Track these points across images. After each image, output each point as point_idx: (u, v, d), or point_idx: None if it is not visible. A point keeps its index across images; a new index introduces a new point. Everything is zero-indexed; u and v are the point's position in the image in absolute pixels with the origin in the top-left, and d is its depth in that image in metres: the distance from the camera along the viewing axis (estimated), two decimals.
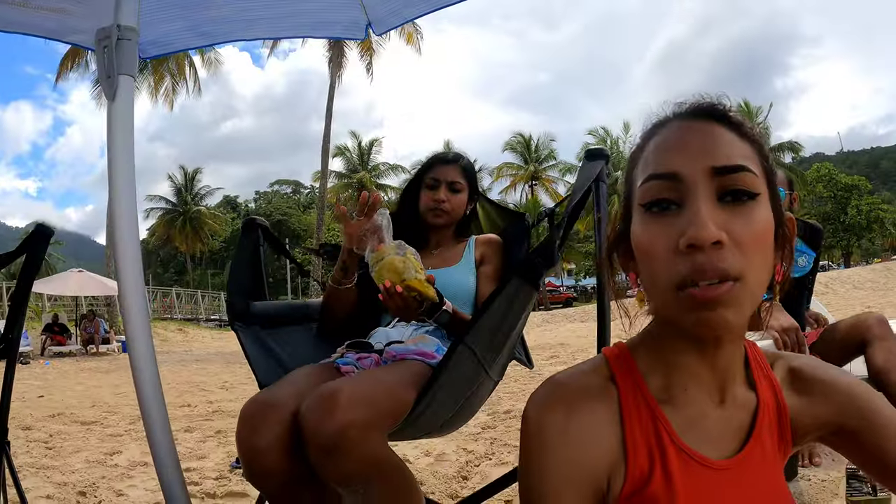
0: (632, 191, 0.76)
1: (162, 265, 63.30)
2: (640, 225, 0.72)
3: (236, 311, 1.79)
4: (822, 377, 0.81)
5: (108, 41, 1.51)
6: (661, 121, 0.77)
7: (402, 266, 1.53)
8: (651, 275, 0.70)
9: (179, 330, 23.80)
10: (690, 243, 0.65)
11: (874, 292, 18.01)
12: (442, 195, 1.93)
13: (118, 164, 1.47)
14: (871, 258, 52.93)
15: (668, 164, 0.70)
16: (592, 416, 0.73)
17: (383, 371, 1.47)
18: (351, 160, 43.92)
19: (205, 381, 8.80)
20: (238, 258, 1.95)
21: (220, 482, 3.27)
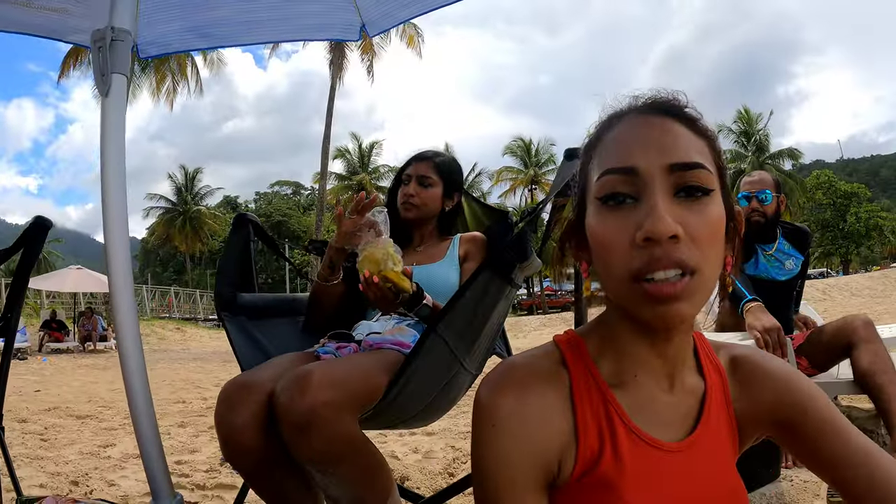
0: (586, 183, 0.77)
1: (161, 264, 63.16)
2: (596, 217, 0.72)
3: (223, 300, 1.84)
4: (762, 367, 0.83)
5: (102, 42, 1.59)
6: (617, 113, 0.77)
7: (381, 257, 1.59)
8: (607, 266, 0.71)
9: (177, 329, 23.81)
10: (647, 236, 0.66)
11: (872, 299, 18.03)
12: (411, 189, 1.98)
13: (109, 158, 1.54)
14: (869, 266, 52.83)
15: (625, 158, 0.71)
16: (544, 399, 0.74)
17: (358, 356, 1.53)
18: (351, 162, 43.89)
19: (201, 379, 8.85)
20: (228, 252, 2.00)
21: (210, 474, 3.33)
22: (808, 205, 41.21)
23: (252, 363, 1.73)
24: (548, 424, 0.73)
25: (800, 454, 0.80)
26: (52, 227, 2.21)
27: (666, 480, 0.74)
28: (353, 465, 1.32)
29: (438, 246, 2.02)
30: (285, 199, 74.77)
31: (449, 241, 2.03)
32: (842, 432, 0.77)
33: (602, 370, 0.77)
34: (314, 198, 70.53)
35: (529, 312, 37.07)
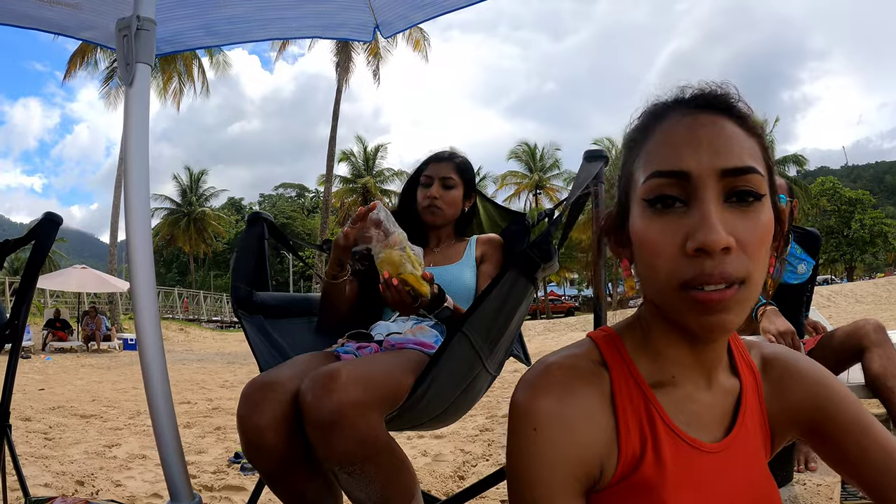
0: (631, 180, 0.74)
1: (165, 265, 63.32)
2: (643, 220, 0.70)
3: (240, 297, 1.82)
4: (794, 366, 0.82)
5: (127, 31, 1.58)
6: (663, 107, 0.74)
7: (400, 260, 1.57)
8: (652, 271, 0.69)
9: (181, 330, 23.84)
10: (699, 247, 0.64)
11: (877, 306, 17.99)
12: (435, 192, 1.95)
13: (133, 148, 1.54)
14: (874, 273, 52.83)
15: (676, 161, 0.68)
16: (585, 400, 0.71)
17: (382, 356, 1.49)
18: (356, 165, 43.99)
19: (205, 380, 8.83)
20: (242, 249, 1.98)
21: (218, 476, 3.29)
22: (812, 211, 41.24)
23: (270, 362, 1.71)
24: (590, 427, 0.70)
25: (828, 455, 0.79)
26: (61, 224, 2.18)
27: (705, 482, 0.72)
28: (378, 466, 1.28)
29: (455, 247, 2.00)
30: (290, 201, 75.14)
31: (465, 242, 2.01)
32: (871, 433, 0.76)
33: (640, 369, 0.75)
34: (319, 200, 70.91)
35: (533, 317, 37.05)
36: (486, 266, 1.94)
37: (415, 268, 1.57)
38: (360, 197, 42.17)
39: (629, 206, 0.74)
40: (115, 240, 22.05)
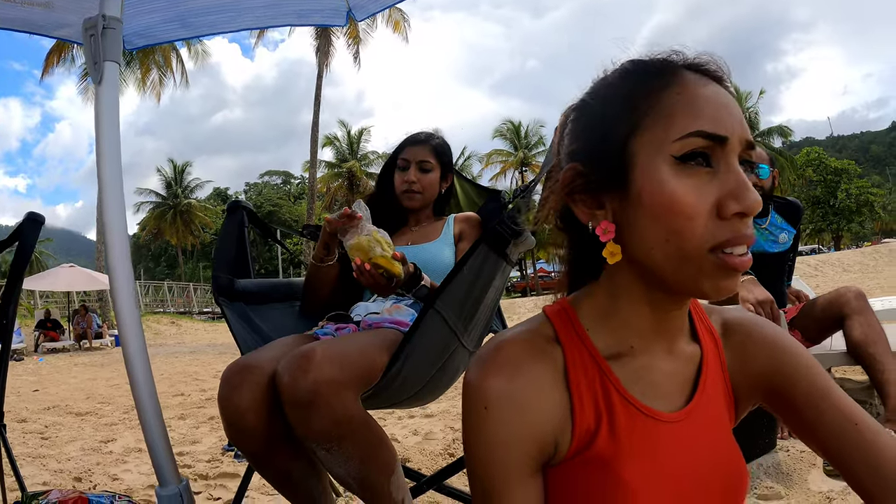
0: (636, 133, 0.69)
1: (153, 259, 63.03)
2: (673, 179, 0.66)
3: (221, 285, 1.85)
4: (756, 332, 0.81)
5: (94, 30, 1.61)
6: (675, 66, 0.72)
7: (368, 245, 1.61)
8: (680, 234, 0.66)
9: (172, 323, 23.78)
10: (743, 211, 0.65)
11: (863, 274, 18.13)
12: (412, 176, 1.98)
13: (105, 145, 1.56)
14: (860, 241, 53.08)
15: (719, 125, 0.67)
16: (536, 378, 0.71)
17: (358, 336, 1.54)
18: (340, 149, 43.71)
19: (198, 372, 8.87)
20: (223, 238, 2.01)
21: (213, 464, 3.35)
22: (798, 182, 41.33)
23: (252, 347, 1.75)
24: (541, 404, 0.70)
25: (790, 422, 0.79)
26: (43, 223, 2.21)
27: (664, 452, 0.71)
28: (355, 443, 1.33)
29: (433, 226, 2.03)
30: (275, 188, 74.72)
31: (443, 221, 2.04)
32: (829, 397, 0.76)
33: (596, 342, 0.74)
34: (304, 186, 70.42)
35: (523, 294, 37.18)
36: (464, 244, 1.97)
37: (384, 250, 1.61)
38: (346, 181, 41.94)
39: (629, 160, 0.69)
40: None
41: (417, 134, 2.09)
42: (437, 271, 1.88)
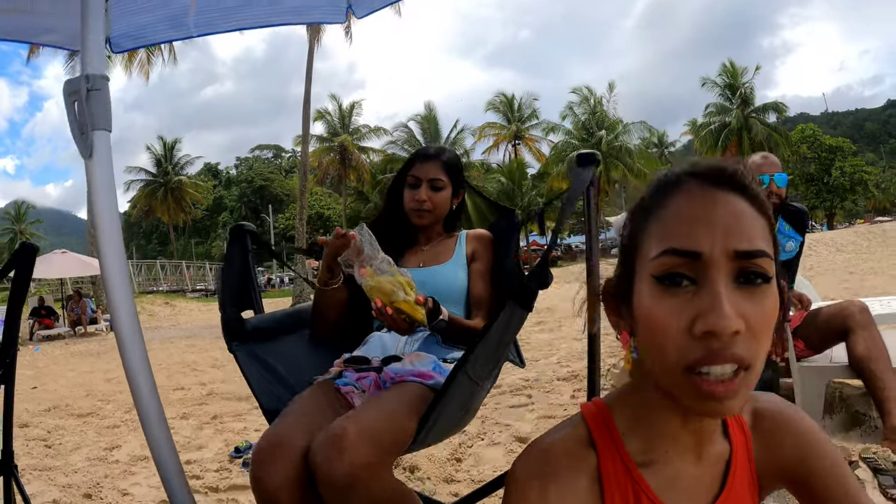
0: (638, 250, 0.73)
1: (145, 237, 62.82)
2: (651, 297, 0.69)
3: (231, 329, 1.81)
4: (784, 422, 0.82)
5: (77, 95, 1.42)
6: (676, 178, 0.73)
7: (391, 288, 1.57)
8: (658, 351, 0.68)
9: (166, 303, 23.77)
10: (709, 330, 0.64)
11: (857, 255, 18.19)
12: (423, 194, 1.92)
13: (103, 219, 1.44)
14: (853, 219, 53.34)
15: (690, 240, 0.67)
16: (572, 485, 0.74)
17: (384, 399, 1.51)
18: (332, 123, 43.37)
19: (195, 360, 8.86)
20: (228, 266, 1.94)
21: (222, 474, 3.34)
22: (792, 158, 41.30)
23: (270, 397, 1.73)
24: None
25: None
26: (38, 251, 2.16)
27: None
28: None
29: (445, 244, 2.00)
30: (266, 162, 74.27)
31: (455, 238, 2.02)
32: (849, 494, 0.79)
33: (630, 447, 0.76)
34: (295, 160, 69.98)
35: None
36: (477, 265, 1.95)
37: (407, 294, 1.58)
38: (338, 155, 41.69)
39: (633, 278, 0.73)
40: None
41: (427, 149, 2.03)
42: (451, 295, 1.87)
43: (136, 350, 1.45)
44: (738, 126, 39.58)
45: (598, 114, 39.74)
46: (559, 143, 40.55)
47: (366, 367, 1.71)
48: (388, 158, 42.54)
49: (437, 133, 41.56)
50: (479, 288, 1.94)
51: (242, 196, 64.87)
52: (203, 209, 57.59)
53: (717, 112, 41.28)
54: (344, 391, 1.62)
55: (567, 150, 38.85)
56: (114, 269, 1.44)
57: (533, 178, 43.94)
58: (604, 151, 37.88)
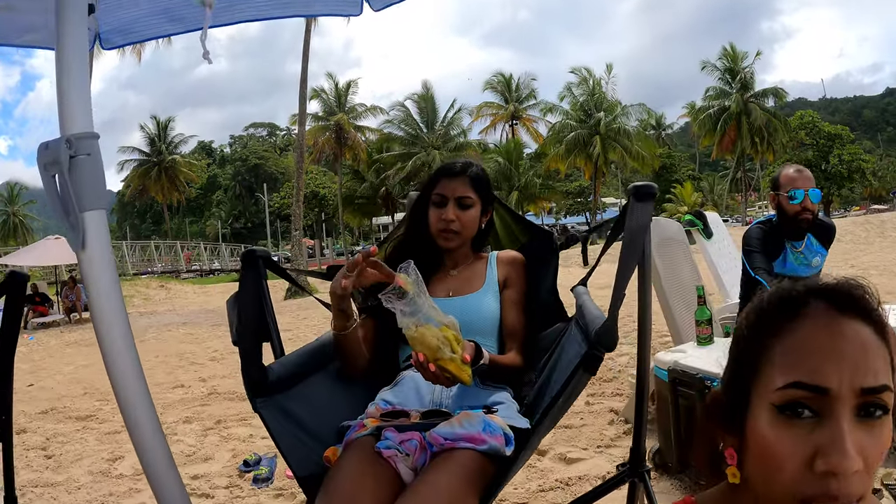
0: (756, 373, 0.70)
1: (138, 216, 62.50)
2: (770, 426, 0.67)
3: (254, 383, 1.57)
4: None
5: (57, 166, 1.10)
6: (801, 298, 0.70)
7: (436, 344, 1.40)
8: (772, 480, 0.67)
9: (161, 286, 23.57)
10: (831, 470, 0.62)
11: (856, 245, 18.12)
12: (450, 214, 1.78)
13: (106, 323, 1.23)
14: (849, 206, 53.64)
15: (818, 376, 0.65)
16: None
17: (439, 481, 1.35)
18: (328, 102, 43.06)
19: (195, 352, 8.70)
20: (242, 299, 1.70)
21: (233, 492, 3.23)
22: (790, 144, 41.33)
23: (301, 459, 1.56)
24: None
25: None
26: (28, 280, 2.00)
27: None
28: None
29: (474, 268, 1.87)
30: (261, 140, 73.94)
31: (484, 260, 1.89)
32: None
33: None
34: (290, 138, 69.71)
35: None
36: (511, 292, 1.83)
37: (454, 350, 1.42)
38: (334, 134, 41.46)
39: (749, 399, 0.71)
40: None
41: (453, 164, 1.87)
42: (483, 327, 1.74)
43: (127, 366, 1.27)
44: (737, 110, 39.51)
45: (596, 95, 39.55)
46: (557, 123, 40.43)
47: (407, 426, 1.55)
48: (384, 137, 42.37)
49: (435, 112, 41.34)
50: (513, 318, 1.81)
51: (237, 175, 64.43)
52: (197, 188, 57.23)
53: (716, 96, 41.21)
54: (386, 455, 1.45)
55: (565, 130, 38.73)
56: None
57: (530, 159, 43.84)
58: (602, 133, 37.74)
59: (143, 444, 1.24)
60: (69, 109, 1.15)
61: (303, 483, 1.55)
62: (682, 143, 76.66)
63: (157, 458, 1.25)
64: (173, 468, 1.28)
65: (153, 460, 1.25)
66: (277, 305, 1.59)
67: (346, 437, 1.53)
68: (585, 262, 1.98)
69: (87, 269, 1.18)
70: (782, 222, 2.96)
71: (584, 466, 3.13)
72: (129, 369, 1.24)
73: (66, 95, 1.15)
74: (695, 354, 2.67)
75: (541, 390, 1.72)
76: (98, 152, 1.15)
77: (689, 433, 2.55)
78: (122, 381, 1.24)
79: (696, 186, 46.19)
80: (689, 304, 3.55)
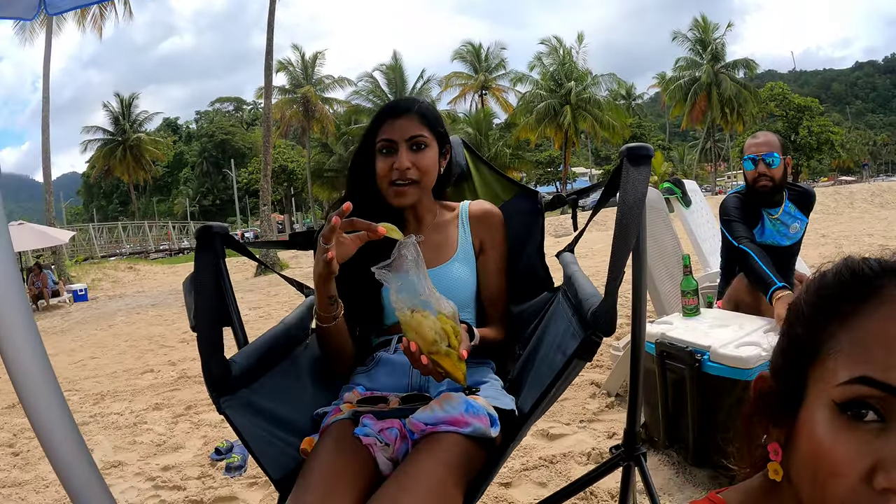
0: (815, 359, 0.61)
1: (105, 197, 61.20)
2: (827, 427, 0.58)
3: (215, 380, 1.36)
4: None
5: None
6: (876, 278, 0.61)
7: (433, 337, 1.25)
8: (821, 488, 0.58)
9: (129, 268, 23.11)
10: (893, 488, 0.53)
11: (826, 216, 18.41)
12: (405, 160, 1.50)
13: None
14: (818, 177, 54.69)
15: (893, 372, 0.55)
16: None
17: (421, 469, 1.23)
18: (294, 74, 42.32)
19: (164, 335, 8.50)
20: (199, 284, 1.46)
21: (205, 482, 3.11)
22: (760, 115, 41.81)
23: (276, 461, 1.39)
24: None
25: None
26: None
27: None
28: None
29: (443, 231, 1.63)
30: (227, 115, 72.68)
31: (454, 217, 1.66)
32: None
33: None
34: (257, 113, 68.53)
35: None
36: (489, 257, 1.63)
37: (451, 345, 1.26)
38: (301, 107, 40.84)
39: (804, 391, 0.63)
40: (50, 178, 20.62)
41: (396, 103, 1.59)
42: (460, 297, 1.56)
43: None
44: (707, 81, 39.84)
45: (566, 65, 39.41)
46: (527, 93, 40.26)
47: (386, 413, 1.41)
48: (352, 109, 41.81)
49: (403, 83, 40.86)
50: (493, 285, 1.64)
51: (203, 151, 63.18)
52: (163, 166, 56.08)
53: (687, 66, 41.51)
54: (366, 442, 1.32)
55: (535, 100, 38.60)
56: None
57: (500, 129, 43.67)
58: (572, 103, 37.65)
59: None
60: None
61: (279, 486, 1.40)
62: (652, 113, 77.07)
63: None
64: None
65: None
66: (248, 283, 1.37)
67: (323, 424, 1.41)
68: (575, 226, 1.83)
69: None
70: (748, 190, 2.92)
71: (568, 442, 3.06)
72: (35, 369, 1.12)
73: None
74: (682, 326, 2.59)
75: (525, 365, 1.59)
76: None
77: (677, 408, 2.48)
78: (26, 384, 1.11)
79: (667, 156, 46.54)
80: (671, 273, 3.48)
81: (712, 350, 2.30)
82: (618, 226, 1.21)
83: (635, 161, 1.30)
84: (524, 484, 2.69)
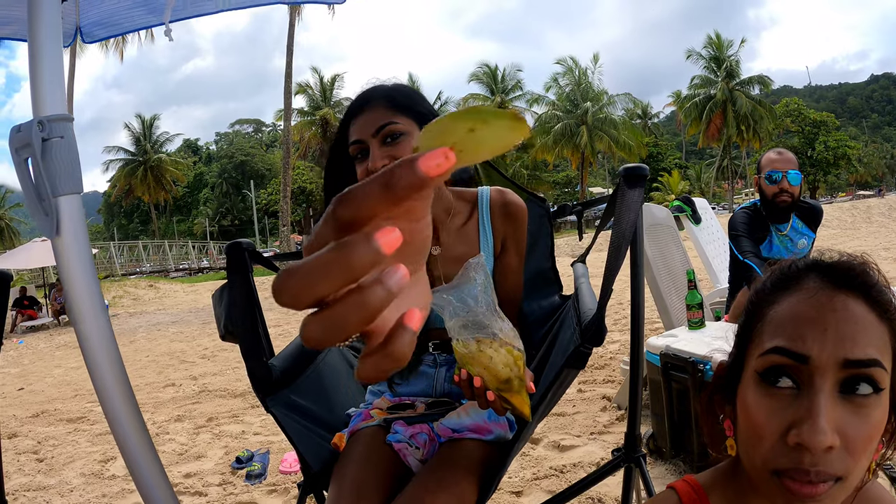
0: (750, 342, 0.71)
1: (125, 216, 61.95)
2: (752, 394, 0.67)
3: (260, 381, 1.50)
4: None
5: (29, 149, 1.04)
6: (799, 272, 0.71)
7: (507, 374, 1.06)
8: (751, 448, 0.67)
9: (150, 286, 23.38)
10: (801, 443, 0.61)
11: (843, 231, 18.30)
12: (377, 160, 1.29)
13: (81, 300, 1.16)
14: (836, 192, 54.20)
15: (799, 342, 0.64)
16: None
17: (443, 472, 1.33)
18: (313, 97, 42.87)
19: (184, 350, 8.65)
20: (230, 299, 1.58)
21: (226, 489, 3.20)
22: (776, 132, 41.58)
23: (315, 454, 1.54)
24: None
25: None
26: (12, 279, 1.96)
27: None
28: None
29: (466, 236, 1.49)
30: (247, 137, 73.54)
31: (472, 211, 1.50)
32: None
33: None
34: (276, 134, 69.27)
35: None
36: (510, 255, 1.51)
37: (522, 382, 1.09)
38: (320, 129, 41.29)
39: (743, 368, 0.71)
40: None
41: (360, 95, 1.39)
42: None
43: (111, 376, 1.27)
44: (722, 98, 39.72)
45: (582, 85, 39.61)
46: (543, 114, 40.42)
47: (415, 419, 1.50)
48: None
49: None
50: (511, 284, 1.55)
51: (223, 172, 63.96)
52: (183, 187, 56.80)
53: (701, 84, 41.46)
54: (397, 448, 1.43)
55: (552, 121, 38.73)
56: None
57: (517, 150, 43.82)
58: (588, 123, 37.74)
59: (126, 441, 1.23)
60: (41, 91, 1.10)
61: (316, 479, 1.53)
62: (668, 132, 76.83)
63: (143, 459, 1.23)
64: (160, 470, 1.26)
65: (138, 459, 1.22)
66: (267, 302, 1.46)
67: (352, 426, 1.50)
68: (581, 235, 1.95)
69: (61, 255, 1.13)
70: (764, 205, 2.99)
71: (579, 453, 3.13)
72: (106, 359, 1.22)
73: (38, 77, 1.10)
74: (686, 338, 2.66)
75: (536, 368, 1.66)
76: (72, 135, 1.09)
77: (682, 418, 2.55)
78: (100, 372, 1.23)
79: (684, 175, 46.39)
80: (679, 289, 3.55)
81: (714, 360, 2.37)
82: (611, 244, 1.30)
83: (631, 182, 1.33)
84: (535, 492, 2.77)
